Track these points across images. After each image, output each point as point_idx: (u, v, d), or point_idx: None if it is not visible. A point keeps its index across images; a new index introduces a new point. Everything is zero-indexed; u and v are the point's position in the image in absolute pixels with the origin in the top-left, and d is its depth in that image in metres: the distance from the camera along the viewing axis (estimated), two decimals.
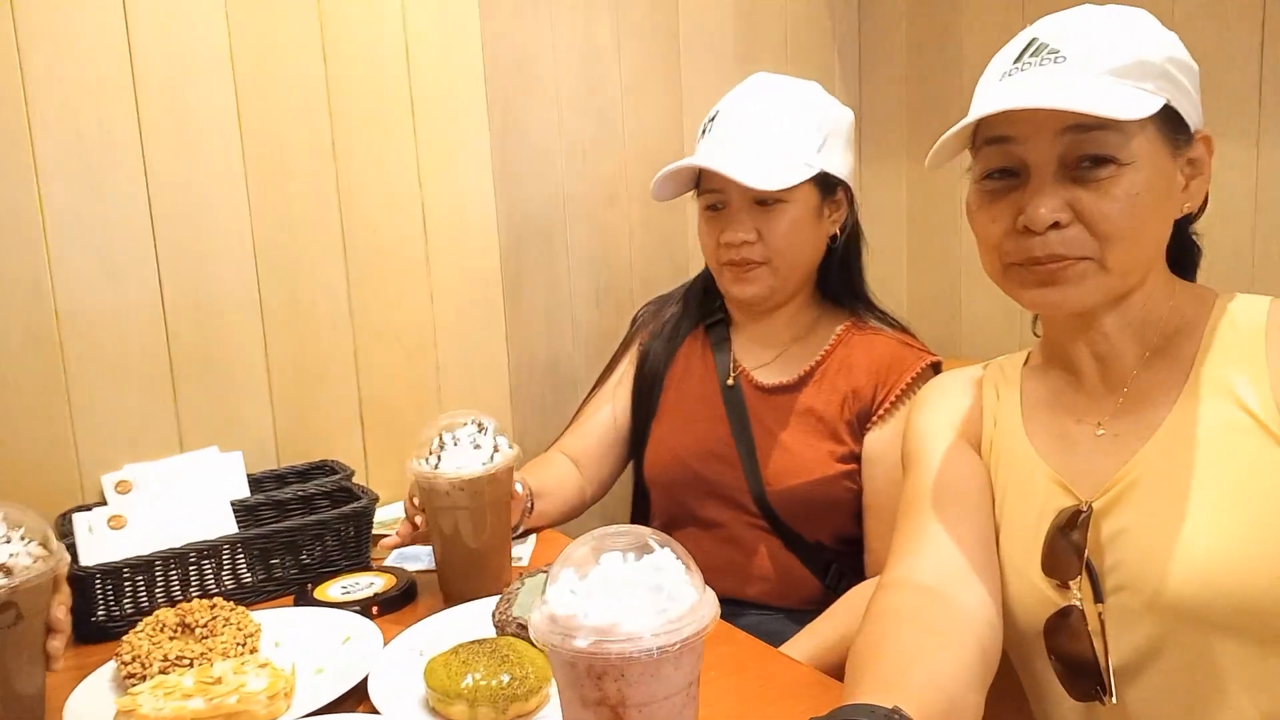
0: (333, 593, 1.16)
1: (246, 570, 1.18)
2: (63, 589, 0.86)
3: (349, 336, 1.52)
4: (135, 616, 1.08)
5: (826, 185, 1.31)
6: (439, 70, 1.55)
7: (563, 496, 1.40)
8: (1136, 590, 0.78)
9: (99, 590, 1.10)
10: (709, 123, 1.32)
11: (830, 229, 1.34)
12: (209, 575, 1.16)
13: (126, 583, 1.11)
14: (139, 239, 1.34)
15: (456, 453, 1.12)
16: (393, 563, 1.28)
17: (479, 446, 1.12)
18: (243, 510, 1.28)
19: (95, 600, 1.09)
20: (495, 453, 1.13)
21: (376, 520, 1.33)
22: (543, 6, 1.69)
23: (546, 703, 0.88)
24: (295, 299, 1.47)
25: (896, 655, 0.74)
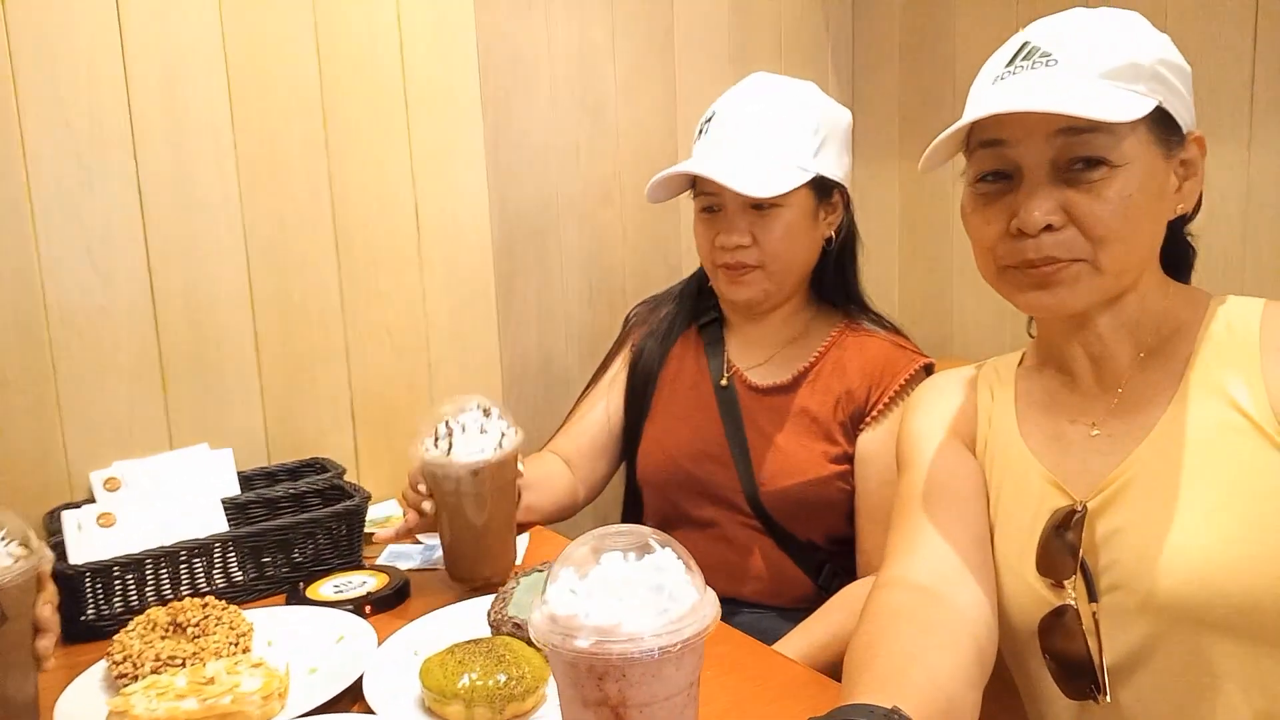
0: (325, 591, 1.15)
1: (238, 569, 1.18)
2: (48, 587, 0.85)
3: (340, 334, 1.51)
4: (125, 616, 1.07)
5: (822, 188, 1.30)
6: (433, 67, 1.55)
7: (551, 491, 1.39)
8: (1131, 590, 0.79)
9: (89, 589, 1.09)
10: (705, 123, 1.32)
11: (826, 232, 1.34)
12: (200, 574, 1.15)
13: (116, 581, 1.10)
14: (129, 234, 1.33)
15: (467, 439, 1.11)
16: (385, 561, 1.28)
17: (485, 431, 1.12)
18: (233, 508, 1.27)
19: (85, 599, 1.08)
20: (503, 436, 1.14)
21: (368, 519, 1.32)
22: (538, 4, 1.68)
23: (543, 703, 0.88)
24: (287, 295, 1.46)
25: (894, 655, 0.74)
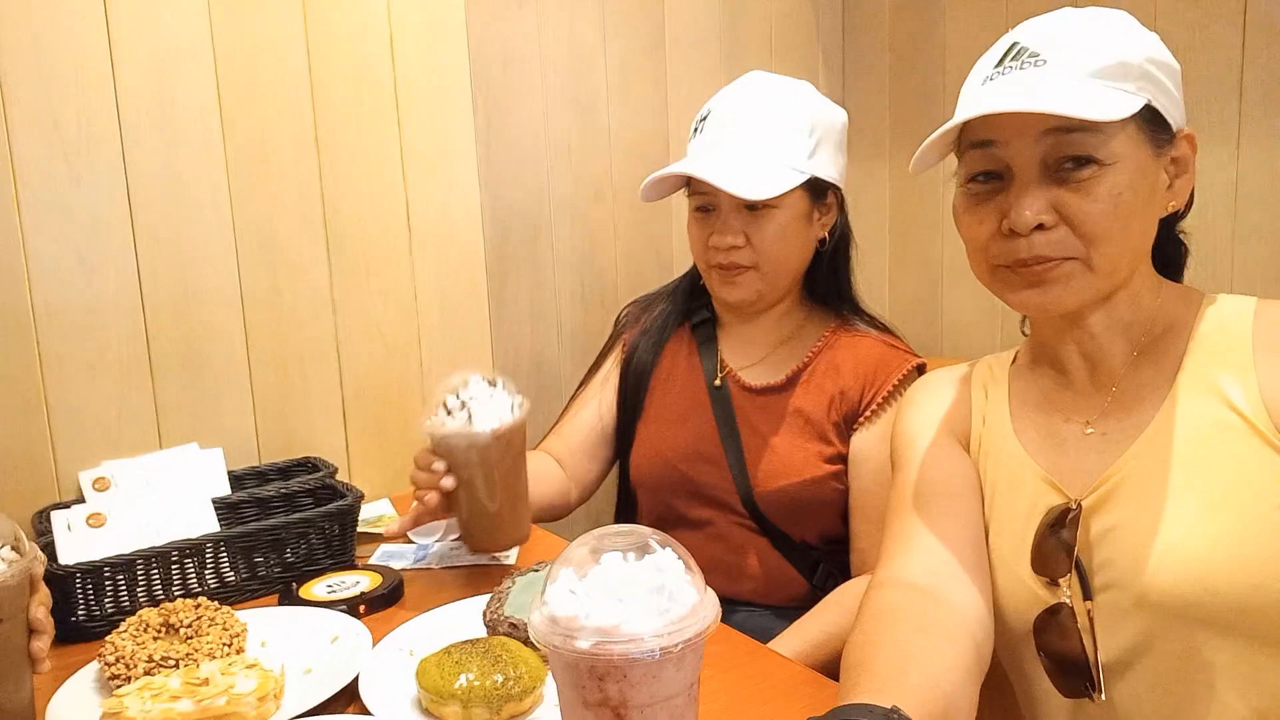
0: (318, 591, 1.15)
1: (230, 569, 1.17)
2: (41, 589, 0.84)
3: (331, 333, 1.50)
4: (117, 616, 1.06)
5: (817, 189, 1.30)
6: (424, 65, 1.54)
7: (544, 490, 1.37)
8: (1125, 588, 0.79)
9: (79, 589, 1.08)
10: (701, 121, 1.31)
11: (820, 233, 1.34)
12: (191, 574, 1.14)
13: (107, 582, 1.09)
14: (118, 232, 1.32)
15: (482, 406, 1.11)
16: (378, 561, 1.27)
17: (495, 399, 1.12)
18: (224, 508, 1.26)
19: (75, 600, 1.07)
20: (514, 402, 1.14)
21: (361, 518, 1.31)
22: (529, 2, 1.68)
23: (540, 703, 0.88)
24: (277, 294, 1.45)
25: (892, 654, 0.75)
